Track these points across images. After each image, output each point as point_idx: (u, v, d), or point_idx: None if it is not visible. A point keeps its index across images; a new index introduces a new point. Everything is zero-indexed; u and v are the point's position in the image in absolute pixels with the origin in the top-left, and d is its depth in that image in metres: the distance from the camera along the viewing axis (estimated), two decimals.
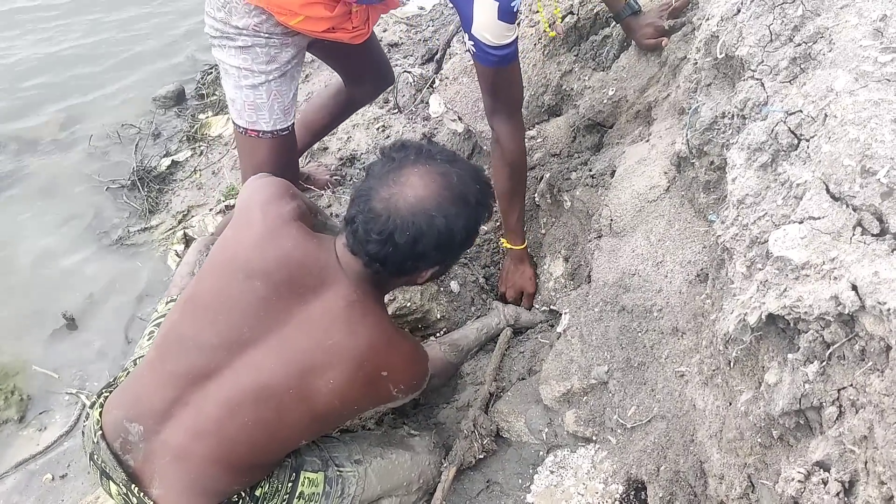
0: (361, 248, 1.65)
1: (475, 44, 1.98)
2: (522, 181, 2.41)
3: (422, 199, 1.60)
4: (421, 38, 4.14)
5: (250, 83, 2.25)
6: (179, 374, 1.67)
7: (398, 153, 1.69)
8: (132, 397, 1.73)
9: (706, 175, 1.78)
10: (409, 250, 1.62)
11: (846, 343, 1.17)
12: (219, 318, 1.68)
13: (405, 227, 1.59)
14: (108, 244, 3.47)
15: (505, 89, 2.18)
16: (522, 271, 2.56)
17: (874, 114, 1.24)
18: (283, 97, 2.31)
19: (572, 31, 2.76)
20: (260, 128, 2.33)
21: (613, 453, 1.91)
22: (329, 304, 1.68)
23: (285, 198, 1.82)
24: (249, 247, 1.71)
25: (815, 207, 1.23)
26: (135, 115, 4.18)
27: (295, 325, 1.67)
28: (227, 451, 1.67)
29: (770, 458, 1.42)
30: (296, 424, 1.70)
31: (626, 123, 2.48)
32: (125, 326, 3.07)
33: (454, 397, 2.38)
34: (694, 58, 1.85)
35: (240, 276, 1.68)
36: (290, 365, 1.65)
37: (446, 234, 1.62)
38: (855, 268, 1.13)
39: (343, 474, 1.91)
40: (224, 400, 1.65)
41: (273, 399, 1.65)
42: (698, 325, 1.75)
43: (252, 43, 2.19)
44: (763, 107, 1.49)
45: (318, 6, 2.12)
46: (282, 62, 2.25)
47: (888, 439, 1.07)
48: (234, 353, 1.66)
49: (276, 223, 1.74)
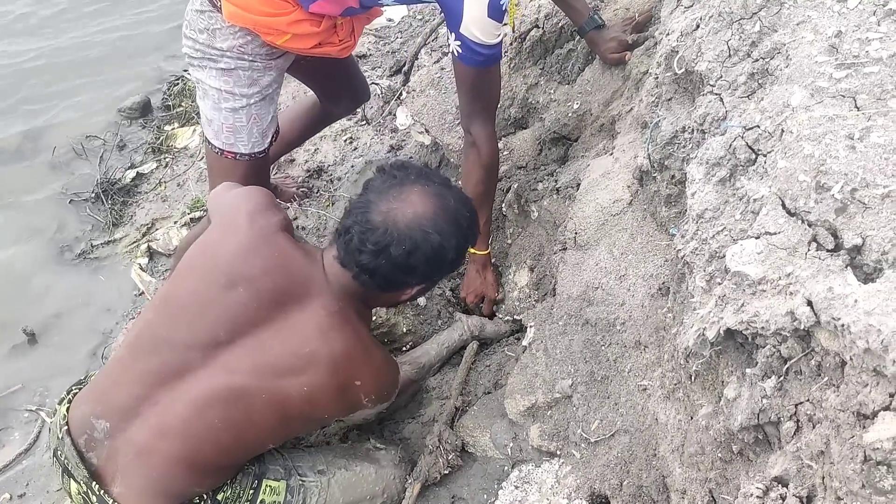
0: (353, 258, 1.68)
1: (462, 43, 1.98)
2: (494, 185, 2.42)
3: (419, 216, 1.66)
4: (389, 49, 4.13)
5: (231, 106, 2.24)
6: (150, 372, 1.69)
7: (399, 172, 1.74)
8: (100, 394, 1.74)
9: (667, 189, 1.79)
10: (402, 263, 1.66)
11: (803, 358, 1.18)
12: (195, 319, 1.70)
13: (402, 240, 1.64)
14: (70, 258, 3.42)
15: (486, 91, 2.19)
16: (485, 277, 2.56)
17: (829, 129, 1.25)
18: (262, 120, 2.30)
19: (538, 44, 2.77)
20: (238, 150, 2.32)
21: (577, 468, 1.90)
22: (310, 313, 1.71)
23: (272, 209, 1.85)
24: (234, 253, 1.73)
25: (771, 223, 1.23)
26: (99, 127, 4.12)
27: (273, 331, 1.70)
28: (191, 450, 1.67)
29: (730, 473, 1.42)
30: (264, 427, 1.73)
31: (590, 137, 2.49)
32: (88, 342, 3.02)
33: (419, 412, 2.36)
34: (655, 72, 1.87)
35: (221, 280, 1.70)
36: (264, 369, 1.68)
37: (439, 250, 1.68)
38: (810, 283, 1.13)
39: (305, 484, 1.91)
40: (193, 399, 1.66)
41: (243, 401, 1.67)
42: (660, 338, 1.75)
43: (235, 66, 2.18)
44: (722, 122, 1.50)
45: (304, 23, 2.11)
46: (263, 85, 2.24)
47: (843, 455, 1.07)
48: (208, 355, 1.68)
49: (263, 232, 1.76)
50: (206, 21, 2.14)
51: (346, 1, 2.09)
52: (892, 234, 1.10)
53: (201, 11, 2.14)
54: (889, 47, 1.33)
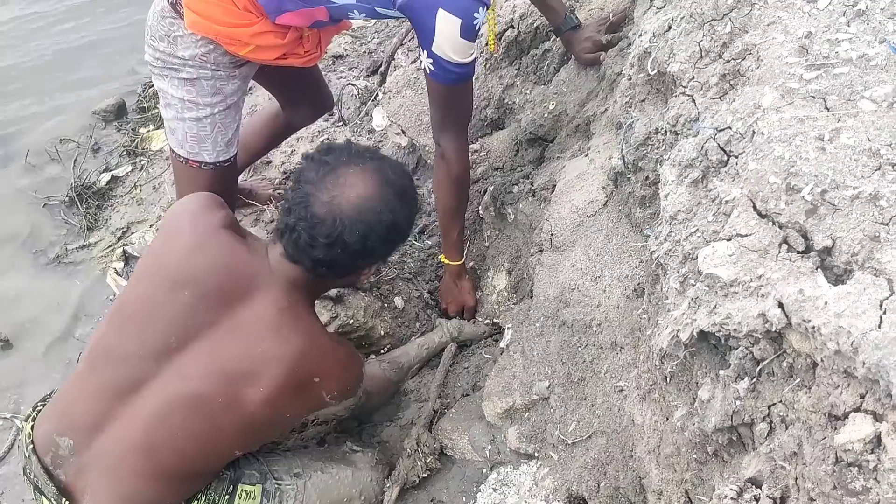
0: (306, 255, 1.64)
1: (434, 61, 1.95)
2: (465, 198, 2.41)
3: (364, 197, 1.62)
4: (366, 49, 4.11)
5: (194, 115, 2.20)
6: (107, 387, 1.66)
7: (329, 156, 1.69)
8: (61, 411, 1.72)
9: (642, 190, 1.79)
10: (360, 248, 1.63)
11: (775, 360, 1.18)
12: (145, 328, 1.67)
13: (354, 226, 1.60)
14: (45, 262, 3.37)
15: (457, 107, 2.17)
16: (461, 286, 2.55)
17: (799, 131, 1.25)
18: (227, 129, 2.26)
19: (513, 45, 2.77)
20: (202, 159, 2.29)
21: (555, 469, 1.90)
22: (258, 310, 1.67)
23: (214, 207, 1.80)
24: (178, 255, 1.70)
25: (742, 224, 1.23)
26: (73, 130, 4.06)
27: (223, 332, 1.66)
28: (157, 463, 1.65)
29: (706, 474, 1.42)
30: (227, 433, 1.69)
31: (566, 137, 2.49)
32: (63, 348, 2.98)
33: (398, 415, 2.35)
34: (628, 73, 1.86)
35: (167, 284, 1.67)
36: (218, 373, 1.64)
37: (392, 226, 1.65)
38: (781, 285, 1.13)
39: (282, 487, 1.90)
40: (152, 411, 1.63)
41: (202, 408, 1.64)
42: (636, 339, 1.76)
43: (198, 75, 2.13)
44: (694, 123, 1.50)
45: (268, 35, 2.07)
46: (227, 94, 2.21)
47: (815, 456, 1.07)
48: (162, 363, 1.65)
49: (205, 231, 1.73)
50: (166, 28, 2.09)
51: (315, 14, 2.05)
52: (861, 235, 1.10)
53: (163, 17, 2.09)
54: (858, 48, 1.34)
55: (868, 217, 1.11)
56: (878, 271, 1.06)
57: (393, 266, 2.74)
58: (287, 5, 2.00)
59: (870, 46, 1.34)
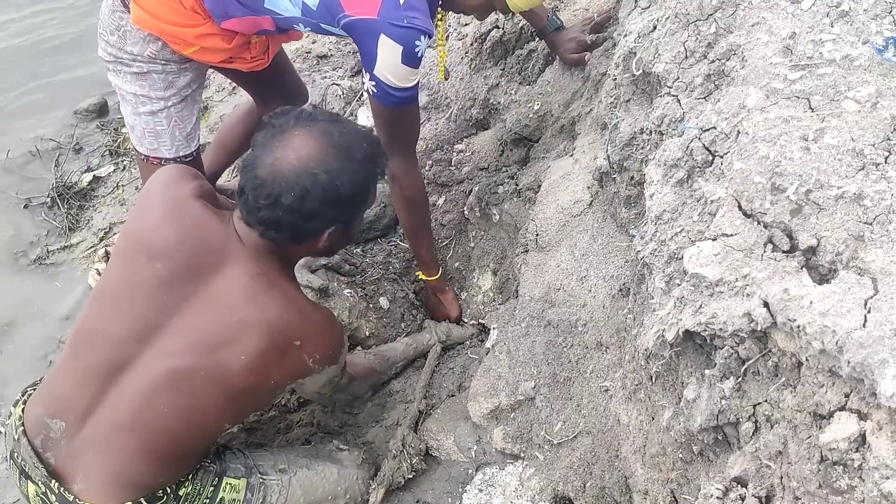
0: (254, 217, 1.65)
1: (376, 84, 1.94)
2: (425, 214, 2.40)
3: (304, 159, 1.61)
4: (350, 49, 4.10)
5: (149, 110, 2.18)
6: (93, 369, 1.66)
7: (279, 119, 1.69)
8: (51, 395, 1.72)
9: (627, 190, 1.79)
10: (298, 210, 1.61)
11: (760, 359, 1.18)
12: (124, 307, 1.67)
13: (290, 188, 1.59)
14: (26, 264, 3.33)
15: (402, 128, 2.15)
16: (443, 299, 2.56)
17: (784, 131, 1.26)
18: (184, 123, 2.24)
19: (498, 45, 2.77)
20: (162, 155, 2.26)
21: (541, 470, 1.90)
22: (232, 280, 1.67)
23: (185, 178, 1.80)
24: (150, 229, 1.70)
25: (727, 224, 1.23)
26: (55, 129, 4.02)
27: (200, 304, 1.66)
28: (147, 442, 1.65)
29: (691, 474, 1.42)
30: (212, 407, 1.69)
31: (551, 138, 2.49)
32: (44, 349, 2.95)
33: (383, 416, 2.35)
34: (613, 73, 1.87)
35: (142, 259, 1.68)
36: (198, 346, 1.64)
37: (331, 189, 1.62)
38: (766, 284, 1.13)
39: (266, 482, 1.90)
40: (138, 391, 1.64)
41: (186, 383, 1.64)
42: (621, 339, 1.76)
43: (148, 69, 2.11)
44: (679, 123, 1.50)
45: (214, 37, 2.05)
46: (180, 87, 2.18)
47: (801, 455, 1.07)
48: (143, 342, 1.65)
49: (175, 203, 1.73)
50: (116, 21, 2.07)
51: (260, 23, 2.03)
52: (846, 234, 1.11)
53: (113, 11, 2.07)
54: (842, 48, 1.35)
55: (852, 217, 1.12)
56: (862, 270, 1.07)
57: (378, 266, 2.73)
58: (233, 11, 1.98)
59: (853, 47, 1.34)
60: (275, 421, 2.34)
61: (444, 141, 2.87)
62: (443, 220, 2.77)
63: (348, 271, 2.66)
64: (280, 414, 2.35)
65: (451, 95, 2.91)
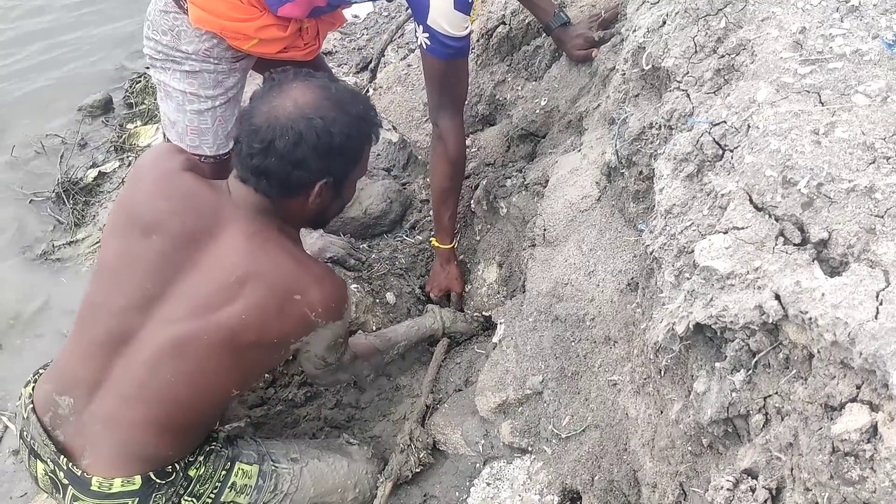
0: (246, 167, 1.66)
1: (430, 35, 1.96)
2: (460, 180, 2.41)
3: (300, 105, 1.63)
4: (355, 46, 4.11)
5: (196, 108, 2.21)
6: (98, 342, 1.67)
7: (279, 75, 1.71)
8: (60, 371, 1.73)
9: (635, 185, 1.79)
10: (290, 156, 1.62)
11: (771, 351, 1.19)
12: (122, 279, 1.68)
13: (284, 132, 1.60)
14: (31, 259, 3.34)
15: (454, 85, 2.18)
16: (448, 271, 2.55)
17: (794, 125, 1.27)
18: (227, 122, 2.27)
19: (504, 41, 2.77)
20: (203, 152, 2.29)
21: (549, 464, 1.91)
22: (228, 241, 1.69)
23: (173, 152, 1.82)
24: (142, 202, 1.72)
25: (738, 218, 1.24)
26: (60, 125, 4.03)
27: (198, 271, 1.67)
28: (154, 412, 1.66)
29: (701, 466, 1.43)
30: (218, 370, 1.70)
31: (558, 133, 2.49)
32: (50, 344, 2.95)
33: (390, 410, 2.35)
34: (622, 69, 1.87)
35: (136, 232, 1.69)
36: (199, 310, 1.65)
37: (325, 136, 1.63)
38: (778, 277, 1.14)
39: (278, 470, 1.91)
40: (143, 361, 1.65)
41: (190, 349, 1.65)
42: (629, 333, 1.76)
43: (200, 68, 2.15)
44: (689, 118, 1.51)
45: (272, 28, 2.09)
46: (228, 87, 2.22)
47: (812, 446, 1.08)
48: (145, 312, 1.67)
49: (166, 176, 1.74)
50: (170, 22, 2.11)
51: (314, 0, 2.07)
52: (857, 227, 1.11)
53: (166, 12, 2.11)
54: (852, 43, 1.35)
55: (863, 209, 1.13)
56: (873, 263, 1.07)
57: (384, 262, 2.74)
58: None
59: (863, 42, 1.35)
60: (282, 416, 2.35)
61: None
62: None
63: (353, 265, 2.67)
64: (287, 409, 2.36)
65: None
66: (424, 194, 2.96)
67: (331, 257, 2.62)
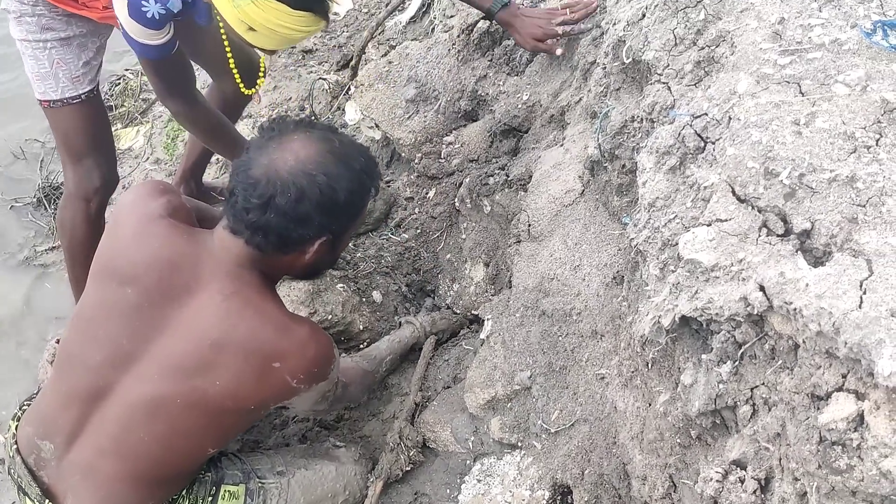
0: (241, 220, 1.58)
1: (121, 26, 1.94)
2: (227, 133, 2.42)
3: (302, 160, 1.56)
4: (336, 44, 4.08)
5: (31, 53, 2.22)
6: (75, 394, 1.65)
7: (277, 125, 1.65)
8: (41, 416, 1.72)
9: (619, 178, 1.80)
10: (292, 213, 1.55)
11: (757, 342, 1.19)
12: (99, 332, 1.64)
13: (286, 188, 1.53)
14: (13, 265, 3.32)
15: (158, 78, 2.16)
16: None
17: (775, 116, 1.27)
18: (68, 65, 2.25)
19: (485, 35, 2.76)
20: (49, 97, 2.28)
21: (539, 459, 1.91)
22: (205, 301, 1.61)
23: (153, 194, 1.73)
24: (118, 251, 1.67)
25: (721, 210, 1.24)
26: (38, 129, 3.99)
27: (172, 329, 1.61)
28: (130, 468, 1.64)
29: (690, 458, 1.43)
30: (192, 433, 1.65)
31: (541, 128, 2.49)
32: (36, 351, 2.93)
33: (379, 409, 2.35)
34: (603, 62, 1.87)
35: (113, 283, 1.64)
36: (173, 372, 1.60)
37: (329, 193, 1.57)
38: (762, 269, 1.14)
39: (265, 486, 1.89)
40: (117, 417, 1.62)
41: (162, 411, 1.60)
42: (616, 327, 1.77)
43: (21, 13, 2.16)
44: (670, 110, 1.51)
45: None
46: (59, 30, 2.20)
47: (799, 436, 1.08)
48: (119, 369, 1.62)
49: (141, 222, 1.67)
50: None
51: None
52: (839, 217, 1.12)
53: None
54: (831, 33, 1.36)
55: (845, 199, 1.13)
56: (856, 252, 1.08)
57: (370, 260, 2.74)
58: None
59: (842, 31, 1.36)
60: (270, 417, 2.34)
61: (433, 133, 2.86)
62: (433, 213, 2.77)
63: (338, 264, 2.65)
64: (275, 410, 2.35)
65: (440, 87, 2.90)
66: (409, 192, 2.95)
67: None
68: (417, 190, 2.91)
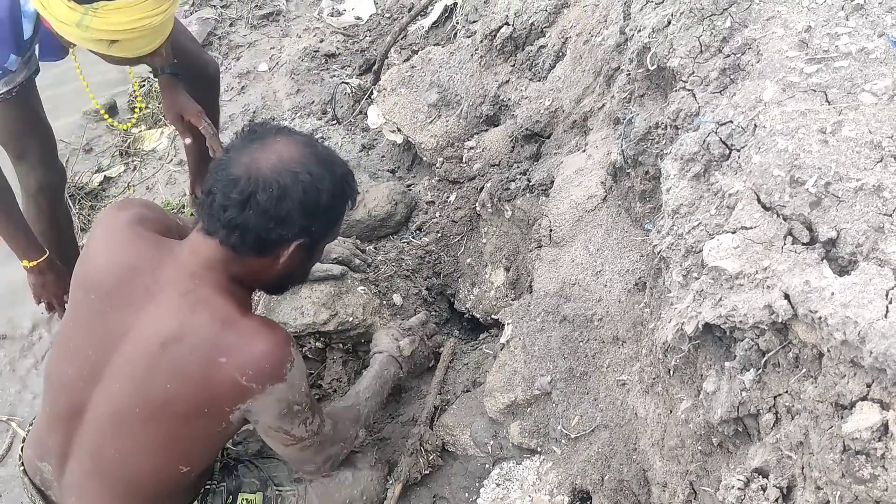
0: (217, 219, 1.51)
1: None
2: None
3: (286, 160, 1.52)
4: (358, 48, 4.12)
5: None
6: (56, 414, 1.66)
7: (259, 128, 1.62)
8: (37, 438, 1.74)
9: (642, 185, 1.80)
10: (273, 210, 1.49)
11: (780, 351, 1.19)
12: (70, 346, 1.61)
13: (268, 185, 1.48)
14: None
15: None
16: None
17: (801, 124, 1.27)
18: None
19: (508, 41, 2.77)
20: None
21: (558, 464, 1.91)
22: (161, 302, 1.55)
23: (123, 207, 1.71)
24: (88, 263, 1.65)
25: (747, 217, 1.24)
26: (65, 130, 4.03)
27: (132, 336, 1.55)
28: (110, 488, 1.63)
29: (711, 465, 1.43)
30: (155, 448, 1.58)
31: (563, 133, 2.49)
32: None
33: (398, 412, 2.36)
34: (627, 69, 1.87)
35: (80, 294, 1.62)
36: (129, 381, 1.54)
37: (312, 193, 1.52)
38: (787, 277, 1.14)
39: (283, 493, 1.89)
40: (92, 436, 1.60)
41: (125, 425, 1.55)
42: (638, 333, 1.77)
43: None
44: (695, 117, 1.51)
45: None
46: None
47: (823, 445, 1.08)
48: (89, 382, 1.58)
49: (107, 233, 1.66)
50: None
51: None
52: (865, 226, 1.11)
53: None
54: (857, 42, 1.35)
55: (872, 208, 1.13)
56: (882, 262, 1.08)
57: (391, 263, 2.75)
58: None
59: (869, 40, 1.35)
60: None
61: (454, 138, 2.88)
62: (454, 217, 2.78)
63: (358, 266, 2.66)
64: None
65: (462, 92, 2.92)
66: (430, 196, 2.96)
67: (336, 258, 2.62)
68: (438, 194, 2.92)
